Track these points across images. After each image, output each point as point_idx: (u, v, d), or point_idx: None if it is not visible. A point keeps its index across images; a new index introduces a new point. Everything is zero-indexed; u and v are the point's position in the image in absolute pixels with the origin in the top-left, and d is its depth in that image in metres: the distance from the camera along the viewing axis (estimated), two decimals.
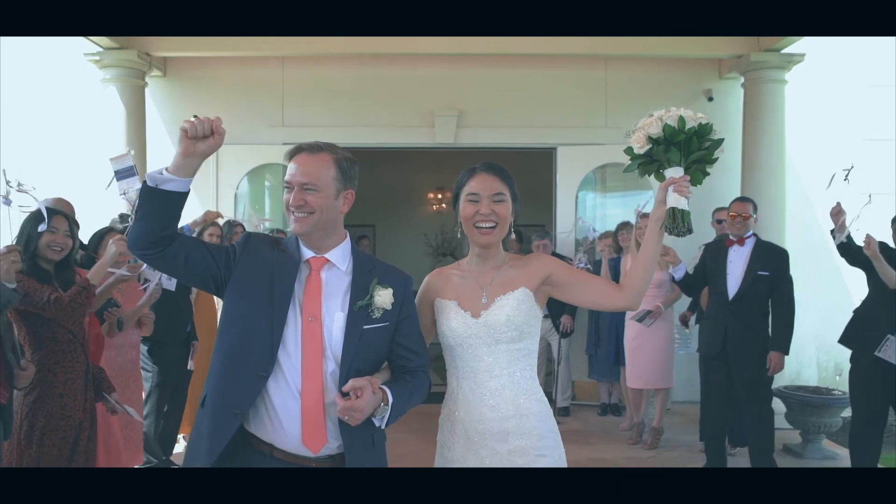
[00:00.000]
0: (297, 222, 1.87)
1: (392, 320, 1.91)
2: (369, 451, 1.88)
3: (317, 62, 6.52)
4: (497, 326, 2.01)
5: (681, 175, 2.02)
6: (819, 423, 5.01)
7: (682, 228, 2.00)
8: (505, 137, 6.72)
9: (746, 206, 4.59)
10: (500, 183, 2.05)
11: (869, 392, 4.24)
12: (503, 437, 1.99)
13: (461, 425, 2.02)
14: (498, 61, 6.50)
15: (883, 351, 4.08)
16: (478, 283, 2.08)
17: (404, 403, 1.86)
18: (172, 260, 1.79)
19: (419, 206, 11.73)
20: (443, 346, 2.09)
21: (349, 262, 1.95)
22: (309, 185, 1.85)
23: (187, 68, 6.53)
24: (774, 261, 4.49)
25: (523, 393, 2.03)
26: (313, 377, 1.82)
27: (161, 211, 1.73)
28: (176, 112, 6.51)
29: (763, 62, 5.89)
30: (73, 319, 2.89)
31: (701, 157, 2.03)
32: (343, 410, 1.73)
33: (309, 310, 1.85)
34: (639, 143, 2.07)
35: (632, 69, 6.57)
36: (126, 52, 5.83)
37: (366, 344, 1.86)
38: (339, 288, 1.90)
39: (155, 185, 1.70)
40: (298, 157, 1.89)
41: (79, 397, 2.92)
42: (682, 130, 2.00)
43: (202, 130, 1.71)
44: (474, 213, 2.04)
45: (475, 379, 2.02)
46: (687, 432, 5.58)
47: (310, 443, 1.81)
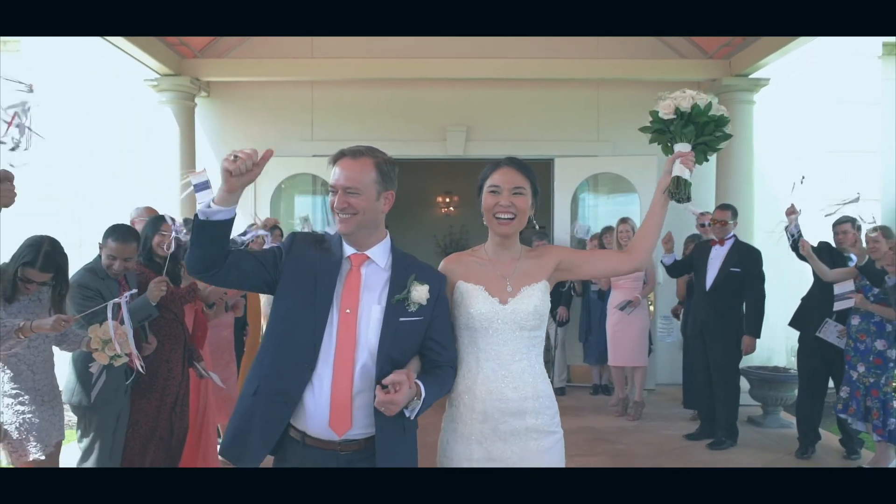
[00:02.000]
0: (342, 223, 1.97)
1: (427, 315, 1.99)
2: (400, 438, 1.97)
3: (342, 85, 7.37)
4: (524, 314, 2.10)
5: (688, 150, 2.20)
6: (776, 396, 5.84)
7: (682, 194, 2.18)
8: (508, 150, 7.42)
9: (726, 213, 5.44)
10: (520, 177, 2.13)
11: (811, 365, 5.09)
12: (521, 415, 2.10)
13: (481, 402, 2.09)
14: (503, 84, 7.33)
15: (822, 331, 4.92)
16: (499, 272, 2.16)
17: (434, 396, 1.97)
18: (227, 276, 1.91)
19: (429, 208, 12.57)
20: (462, 326, 2.14)
21: (388, 259, 2.04)
22: (351, 189, 1.94)
23: (229, 90, 7.40)
24: (747, 259, 5.31)
25: (540, 376, 2.15)
26: (344, 365, 1.92)
27: (214, 238, 1.83)
28: (219, 127, 7.39)
29: (734, 85, 6.73)
30: (175, 305, 3.74)
31: (708, 142, 2.23)
32: (381, 403, 1.82)
33: (346, 302, 1.95)
34: (666, 111, 2.22)
35: (620, 90, 7.39)
36: (180, 78, 6.70)
37: (401, 335, 1.95)
38: (377, 283, 2.00)
39: (206, 218, 1.80)
40: (341, 161, 1.98)
41: (179, 363, 3.77)
42: (706, 113, 2.18)
43: (244, 168, 1.78)
44: (495, 203, 2.12)
45: (498, 361, 2.10)
46: (668, 408, 6.44)
47: (335, 426, 1.92)
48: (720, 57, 6.95)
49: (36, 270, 2.87)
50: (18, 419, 2.90)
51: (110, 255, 3.38)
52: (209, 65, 6.96)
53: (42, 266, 2.88)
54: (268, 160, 1.81)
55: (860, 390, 4.59)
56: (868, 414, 4.54)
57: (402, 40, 6.87)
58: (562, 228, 7.51)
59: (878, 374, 4.52)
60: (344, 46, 7.00)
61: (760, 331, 5.30)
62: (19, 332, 2.67)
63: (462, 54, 6.92)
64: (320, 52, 7.12)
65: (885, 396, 4.49)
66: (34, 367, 2.93)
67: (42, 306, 2.95)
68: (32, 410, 2.92)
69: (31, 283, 2.87)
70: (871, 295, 4.51)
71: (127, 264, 3.43)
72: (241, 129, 7.38)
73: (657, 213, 2.25)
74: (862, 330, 4.60)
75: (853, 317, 4.66)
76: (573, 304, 7.04)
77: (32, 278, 2.87)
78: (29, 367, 2.92)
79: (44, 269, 2.89)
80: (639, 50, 7.11)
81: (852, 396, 4.65)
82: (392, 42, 6.89)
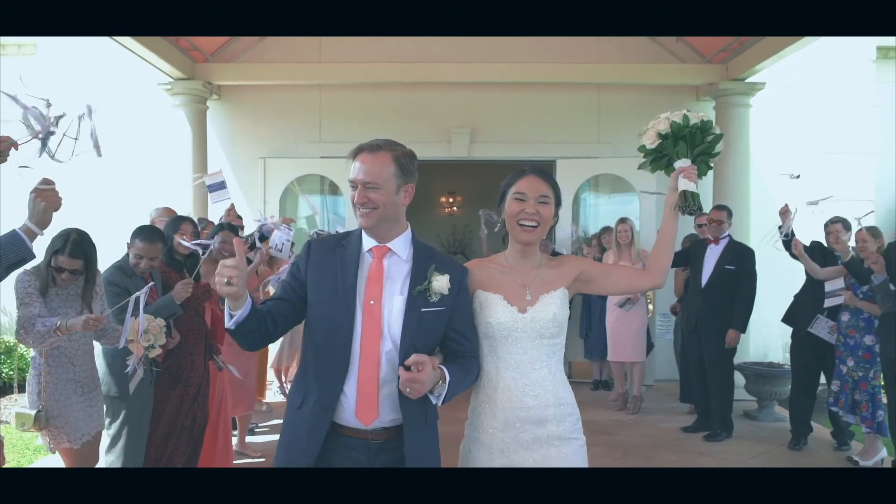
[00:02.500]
0: (363, 217, 1.97)
1: (448, 305, 2.00)
2: (422, 428, 1.99)
3: (350, 88, 7.57)
4: (543, 323, 2.11)
5: (688, 164, 2.25)
6: (771, 391, 6.03)
7: (693, 207, 2.21)
8: (511, 151, 7.76)
9: (722, 213, 5.64)
10: (546, 186, 2.14)
11: (803, 361, 5.28)
12: (542, 422, 2.10)
13: (502, 411, 2.10)
14: (506, 87, 7.53)
15: (813, 327, 5.11)
16: (519, 280, 2.17)
17: (459, 384, 1.95)
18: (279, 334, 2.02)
19: (433, 209, 12.77)
20: (482, 335, 2.15)
21: (410, 251, 2.05)
22: (371, 183, 1.95)
23: (240, 93, 7.60)
24: (741, 257, 5.51)
25: (560, 384, 2.15)
26: (370, 356, 1.94)
27: (250, 331, 1.91)
28: (230, 129, 7.60)
29: (731, 89, 6.93)
30: (196, 303, 3.93)
31: (704, 150, 2.26)
32: (405, 382, 1.82)
33: (370, 294, 1.97)
34: (650, 140, 2.29)
35: (620, 94, 7.59)
36: (193, 83, 6.91)
37: (424, 325, 1.96)
38: (399, 274, 2.01)
39: (237, 327, 1.87)
40: (360, 156, 1.99)
41: (201, 356, 3.97)
42: (686, 126, 2.22)
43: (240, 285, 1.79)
44: (519, 210, 2.12)
45: (518, 370, 2.11)
46: (666, 402, 6.64)
47: (362, 415, 1.94)
48: (718, 62, 7.14)
49: (66, 257, 3.02)
50: (58, 408, 3.09)
51: (137, 254, 3.57)
52: (221, 69, 7.17)
53: (71, 252, 3.02)
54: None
55: (849, 384, 4.78)
56: (856, 406, 4.73)
57: (408, 45, 7.09)
58: (564, 228, 7.70)
59: (866, 369, 4.71)
60: (351, 51, 7.21)
61: (746, 326, 5.51)
62: (57, 331, 2.87)
63: (466, 59, 7.13)
64: (328, 57, 7.33)
65: (872, 389, 4.68)
66: (74, 359, 3.11)
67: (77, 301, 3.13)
68: (72, 401, 3.10)
69: (63, 273, 3.05)
70: (860, 292, 4.69)
71: (153, 263, 3.63)
72: (251, 132, 7.59)
73: (669, 229, 2.29)
74: (851, 326, 4.79)
75: (843, 313, 4.85)
76: (574, 302, 7.23)
77: (63, 266, 3.03)
78: (69, 359, 3.11)
79: (73, 255, 3.03)
80: (638, 55, 7.31)
81: (842, 390, 4.84)
82: (398, 47, 7.10)
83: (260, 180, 7.53)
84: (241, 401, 4.71)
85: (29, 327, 2.89)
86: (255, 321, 1.89)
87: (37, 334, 2.88)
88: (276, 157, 7.56)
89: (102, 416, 3.29)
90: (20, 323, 2.94)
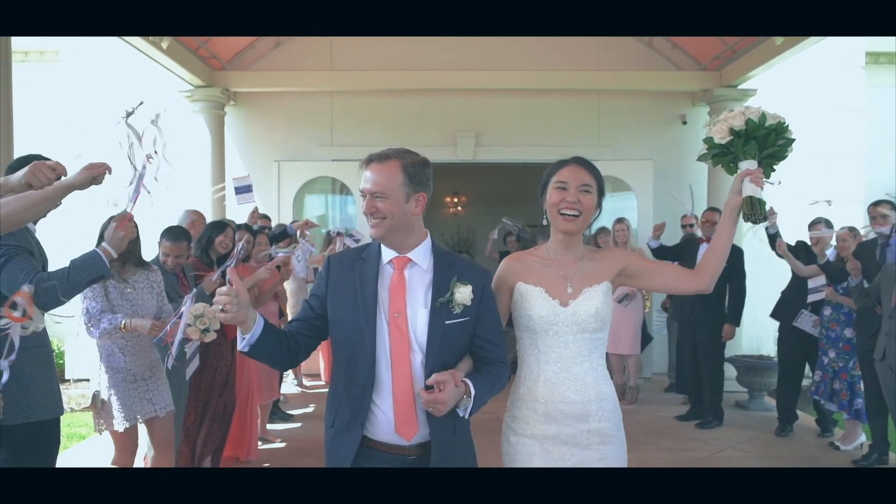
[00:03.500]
0: (373, 228, 1.95)
1: (472, 314, 1.96)
2: (451, 438, 1.95)
3: (360, 94, 7.91)
4: (585, 317, 2.06)
5: (755, 167, 2.12)
6: (761, 382, 6.37)
7: (759, 215, 2.10)
8: (514, 154, 8.10)
9: (715, 214, 5.98)
10: (588, 175, 2.10)
11: (789, 353, 5.62)
12: (584, 417, 2.07)
13: (543, 404, 2.07)
14: (509, 93, 7.87)
15: (798, 321, 5.45)
16: (560, 272, 2.13)
17: (486, 393, 1.92)
18: (303, 355, 2.00)
19: (439, 208, 13.10)
20: (522, 328, 2.13)
21: (430, 260, 2.00)
22: (378, 193, 1.92)
23: (255, 99, 7.95)
24: (731, 256, 5.79)
25: (602, 379, 2.11)
26: (402, 369, 1.91)
27: (270, 351, 1.90)
28: (246, 133, 7.94)
29: (723, 95, 7.26)
30: None
31: (774, 153, 2.13)
32: (427, 403, 1.82)
33: (394, 307, 1.94)
34: (720, 135, 2.14)
35: (619, 99, 7.93)
36: (212, 90, 7.26)
37: (448, 338, 1.93)
38: (420, 285, 1.97)
39: (250, 348, 1.86)
40: (370, 166, 1.96)
41: (229, 346, 4.32)
42: (762, 126, 2.09)
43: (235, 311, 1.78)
44: (560, 200, 2.08)
45: (560, 363, 2.07)
46: (662, 394, 6.99)
47: (402, 430, 1.92)
48: (713, 69, 7.47)
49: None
50: (107, 394, 3.43)
51: (165, 252, 3.92)
52: (238, 76, 7.52)
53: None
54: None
55: (830, 374, 5.12)
56: (836, 395, 5.07)
57: (416, 53, 7.43)
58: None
59: (846, 359, 5.04)
60: (361, 59, 7.56)
61: (740, 320, 5.85)
62: (122, 328, 3.21)
63: (471, 66, 7.48)
64: (339, 65, 7.67)
65: (851, 379, 5.01)
66: (125, 350, 3.43)
67: (132, 294, 3.46)
68: (120, 388, 3.42)
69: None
70: (840, 288, 5.03)
71: (178, 260, 3.97)
72: (265, 136, 7.95)
73: (726, 233, 2.19)
74: (833, 319, 5.12)
75: (825, 308, 5.19)
76: None
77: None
78: (121, 349, 3.43)
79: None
80: (636, 62, 7.64)
81: (823, 379, 5.18)
82: (406, 55, 7.45)
83: (274, 182, 7.87)
84: (265, 389, 5.07)
85: (95, 322, 3.24)
86: (271, 343, 1.88)
87: (103, 330, 3.24)
88: (289, 161, 7.91)
89: (163, 401, 3.53)
90: (87, 317, 3.28)
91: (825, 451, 5.13)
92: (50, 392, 2.72)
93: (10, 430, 2.54)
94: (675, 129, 8.00)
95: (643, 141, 7.90)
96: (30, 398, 2.62)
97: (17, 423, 2.56)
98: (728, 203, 2.17)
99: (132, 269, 3.48)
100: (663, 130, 8.00)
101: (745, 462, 4.91)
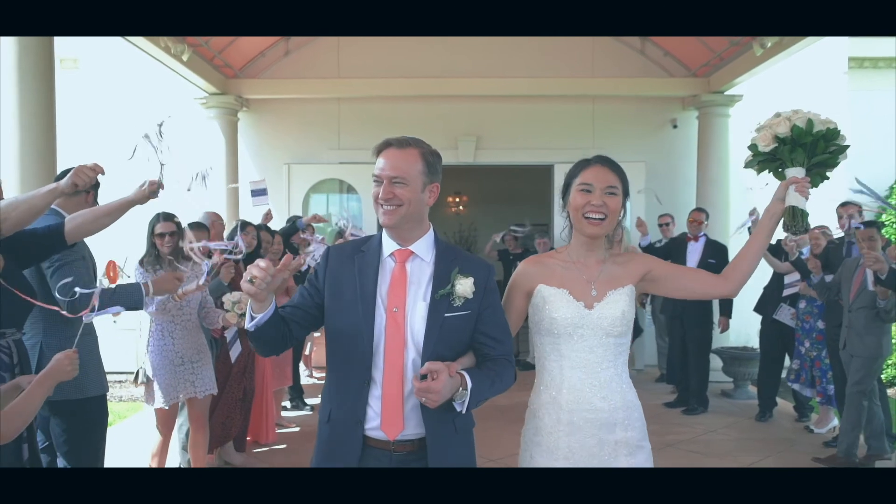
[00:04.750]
0: (386, 215, 1.87)
1: (474, 308, 1.89)
2: (452, 437, 1.89)
3: (366, 101, 8.30)
4: (611, 320, 1.99)
5: (802, 176, 2.00)
6: (745, 372, 6.76)
7: (800, 227, 1.98)
8: (514, 157, 8.51)
9: (701, 215, 6.40)
10: (614, 176, 2.01)
11: (770, 344, 6.01)
12: (610, 427, 1.99)
13: (567, 413, 1.99)
14: (508, 99, 8.26)
15: (778, 314, 5.84)
16: (584, 275, 2.04)
17: (486, 389, 1.84)
18: (293, 341, 1.94)
19: (441, 208, 13.50)
20: (543, 332, 2.05)
21: (433, 253, 1.95)
22: (398, 179, 1.85)
23: (266, 106, 8.35)
24: (718, 253, 6.27)
25: (627, 386, 2.04)
26: (394, 366, 1.86)
27: (271, 335, 1.85)
28: (257, 138, 8.35)
29: (711, 101, 7.65)
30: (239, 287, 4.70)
31: (824, 161, 2.01)
32: (419, 392, 1.74)
33: (393, 301, 1.88)
34: (765, 142, 2.04)
35: (613, 104, 8.31)
36: (226, 97, 7.67)
37: (447, 332, 1.86)
38: (422, 278, 1.92)
39: (257, 328, 1.81)
40: (387, 151, 1.89)
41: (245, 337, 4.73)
42: (809, 132, 1.98)
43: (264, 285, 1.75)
44: (585, 203, 1.99)
45: (585, 369, 1.99)
46: (652, 384, 7.39)
47: (387, 427, 1.86)
48: (702, 75, 7.85)
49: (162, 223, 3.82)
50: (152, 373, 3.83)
51: (189, 241, 4.34)
52: (250, 84, 7.94)
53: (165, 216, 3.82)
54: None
55: (807, 362, 5.51)
56: (812, 382, 5.46)
57: (419, 62, 7.84)
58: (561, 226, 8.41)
59: (819, 349, 5.43)
60: (367, 67, 7.96)
61: (731, 312, 6.29)
62: (175, 297, 3.58)
63: (472, 74, 7.88)
64: (346, 73, 8.07)
65: (824, 367, 5.40)
66: (174, 334, 3.82)
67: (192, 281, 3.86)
68: (166, 370, 3.79)
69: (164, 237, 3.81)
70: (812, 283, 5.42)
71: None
72: (276, 140, 8.35)
73: (761, 240, 2.10)
74: (807, 312, 5.51)
75: (801, 301, 5.58)
76: None
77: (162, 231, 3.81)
78: (170, 333, 3.82)
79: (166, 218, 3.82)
80: (629, 69, 8.04)
81: (801, 368, 5.57)
82: (410, 63, 7.86)
83: (284, 184, 8.27)
84: (278, 376, 5.48)
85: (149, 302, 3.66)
86: (275, 327, 1.84)
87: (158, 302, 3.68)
88: (299, 163, 8.31)
89: (205, 384, 3.90)
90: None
91: (800, 434, 5.52)
92: (99, 372, 3.14)
93: (70, 403, 2.95)
94: (667, 132, 8.39)
95: (636, 144, 8.28)
96: (84, 376, 3.02)
97: (75, 398, 2.96)
98: (769, 210, 2.07)
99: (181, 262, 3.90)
100: (655, 134, 8.39)
101: (724, 444, 5.30)
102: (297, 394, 6.25)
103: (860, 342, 4.60)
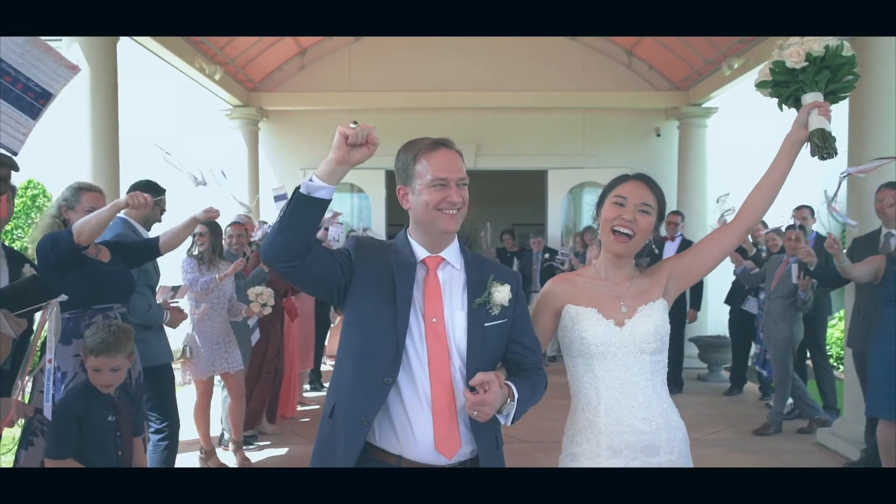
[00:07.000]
0: (452, 220, 1.77)
1: (509, 317, 1.83)
2: (495, 452, 1.82)
3: (374, 112, 8.97)
4: (644, 336, 1.92)
5: (822, 99, 1.93)
6: (718, 357, 7.51)
7: (830, 149, 1.88)
8: (511, 163, 9.27)
9: (677, 216, 7.14)
10: (650, 194, 1.95)
11: (738, 333, 6.77)
12: (654, 450, 1.91)
13: (606, 436, 1.90)
14: (506, 111, 9.02)
15: (746, 305, 6.59)
16: (612, 292, 1.98)
17: (528, 400, 1.77)
18: (307, 272, 1.70)
19: None
20: (574, 354, 1.97)
21: (461, 260, 1.86)
22: (463, 180, 1.77)
23: (284, 116, 9.12)
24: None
25: (668, 405, 1.96)
26: (442, 380, 1.75)
27: (310, 219, 1.67)
28: (275, 146, 9.10)
29: (690, 112, 8.41)
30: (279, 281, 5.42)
31: (841, 88, 1.97)
32: (473, 405, 1.65)
33: (431, 311, 1.78)
34: (794, 58, 1.92)
35: (602, 115, 9.07)
36: (248, 108, 8.43)
37: (489, 341, 1.79)
38: (456, 286, 1.83)
39: (308, 193, 1.65)
40: (442, 151, 1.78)
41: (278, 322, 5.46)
42: (839, 54, 1.92)
43: (361, 138, 1.66)
44: (616, 216, 1.93)
45: (622, 390, 1.91)
46: None
47: (443, 448, 1.73)
48: (684, 88, 8.59)
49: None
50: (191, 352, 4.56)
51: (229, 235, 5.10)
52: (270, 97, 8.70)
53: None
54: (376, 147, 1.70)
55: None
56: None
57: (424, 76, 8.59)
58: (554, 227, 9.21)
59: None
60: (376, 81, 8.71)
61: (700, 305, 7.02)
62: (218, 278, 4.37)
63: (473, 88, 8.63)
64: (357, 87, 8.83)
65: None
66: (212, 318, 4.56)
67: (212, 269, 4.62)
68: (204, 348, 4.51)
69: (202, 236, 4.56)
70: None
71: (241, 239, 5.16)
72: (293, 147, 9.09)
73: (781, 168, 1.97)
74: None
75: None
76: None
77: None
78: (209, 317, 4.58)
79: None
80: (617, 83, 8.78)
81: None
82: (416, 77, 8.62)
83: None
84: (304, 359, 6.23)
85: (195, 282, 4.41)
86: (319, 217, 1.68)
87: (203, 283, 4.44)
88: (313, 169, 8.83)
89: (235, 361, 4.64)
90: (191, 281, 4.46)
91: (760, 410, 6.26)
92: (165, 345, 3.86)
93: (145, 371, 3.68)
94: (651, 140, 9.14)
95: (623, 151, 9.01)
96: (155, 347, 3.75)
97: (149, 366, 3.68)
98: (790, 137, 1.96)
99: (217, 259, 4.65)
100: (640, 142, 9.14)
101: (694, 417, 6.02)
102: (317, 376, 7.01)
103: (775, 327, 5.42)
